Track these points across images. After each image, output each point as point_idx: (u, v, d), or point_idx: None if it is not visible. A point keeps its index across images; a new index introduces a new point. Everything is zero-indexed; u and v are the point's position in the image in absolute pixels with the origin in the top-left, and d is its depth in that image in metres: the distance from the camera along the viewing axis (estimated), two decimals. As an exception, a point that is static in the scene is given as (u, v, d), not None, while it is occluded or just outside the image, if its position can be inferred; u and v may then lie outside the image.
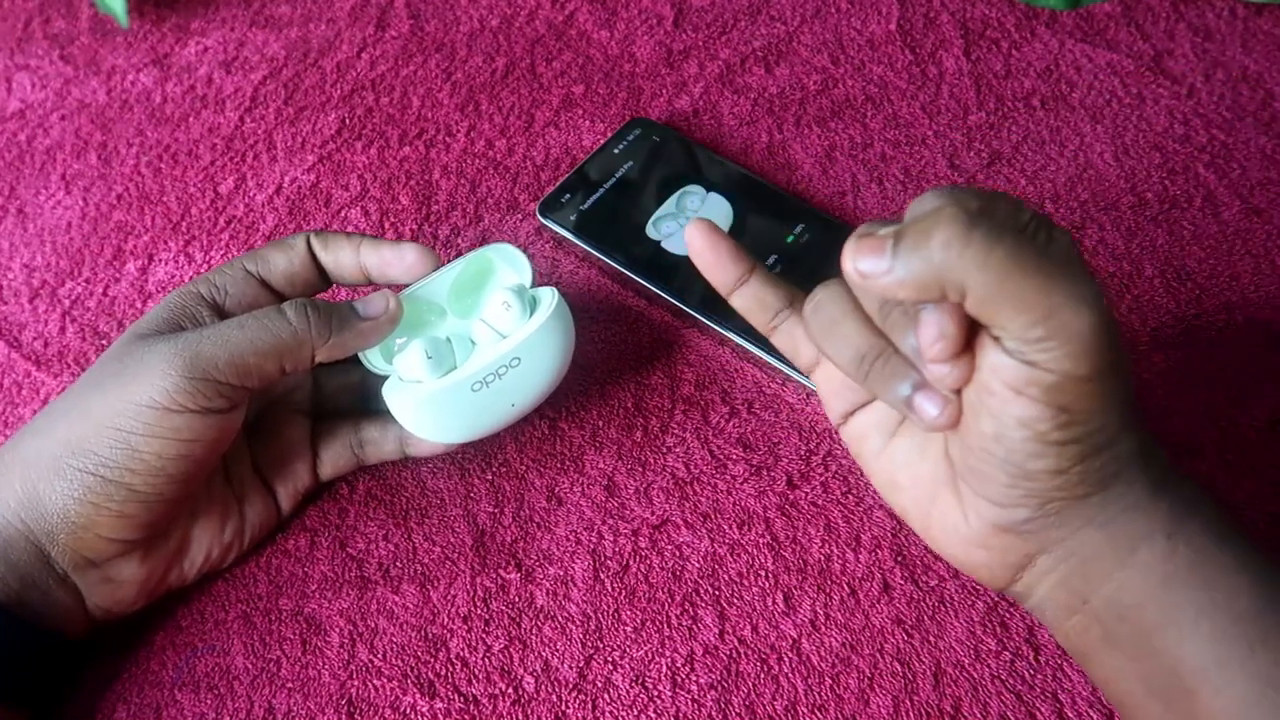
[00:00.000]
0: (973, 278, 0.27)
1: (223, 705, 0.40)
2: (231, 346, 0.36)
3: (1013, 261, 0.27)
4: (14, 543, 0.36)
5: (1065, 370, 0.28)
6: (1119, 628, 0.31)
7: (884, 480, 0.36)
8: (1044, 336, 0.28)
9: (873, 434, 0.35)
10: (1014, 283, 0.27)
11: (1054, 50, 0.57)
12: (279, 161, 0.56)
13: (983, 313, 0.28)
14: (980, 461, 0.31)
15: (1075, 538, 0.31)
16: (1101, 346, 0.28)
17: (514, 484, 0.44)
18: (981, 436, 0.30)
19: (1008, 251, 0.27)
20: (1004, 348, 0.29)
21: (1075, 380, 0.28)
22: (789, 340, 0.37)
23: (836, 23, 0.60)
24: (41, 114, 0.60)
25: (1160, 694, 0.31)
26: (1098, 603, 0.32)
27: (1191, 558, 0.31)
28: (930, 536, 0.35)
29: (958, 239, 0.27)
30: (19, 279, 0.53)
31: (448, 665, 0.40)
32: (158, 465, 0.36)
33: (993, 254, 0.27)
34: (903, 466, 0.35)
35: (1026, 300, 0.27)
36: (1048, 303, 0.27)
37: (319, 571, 0.43)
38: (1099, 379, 0.28)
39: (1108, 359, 0.28)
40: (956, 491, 0.33)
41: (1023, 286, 0.27)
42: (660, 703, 0.39)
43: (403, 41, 0.61)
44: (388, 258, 0.41)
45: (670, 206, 0.51)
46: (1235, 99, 0.54)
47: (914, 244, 0.28)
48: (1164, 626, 0.31)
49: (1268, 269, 0.48)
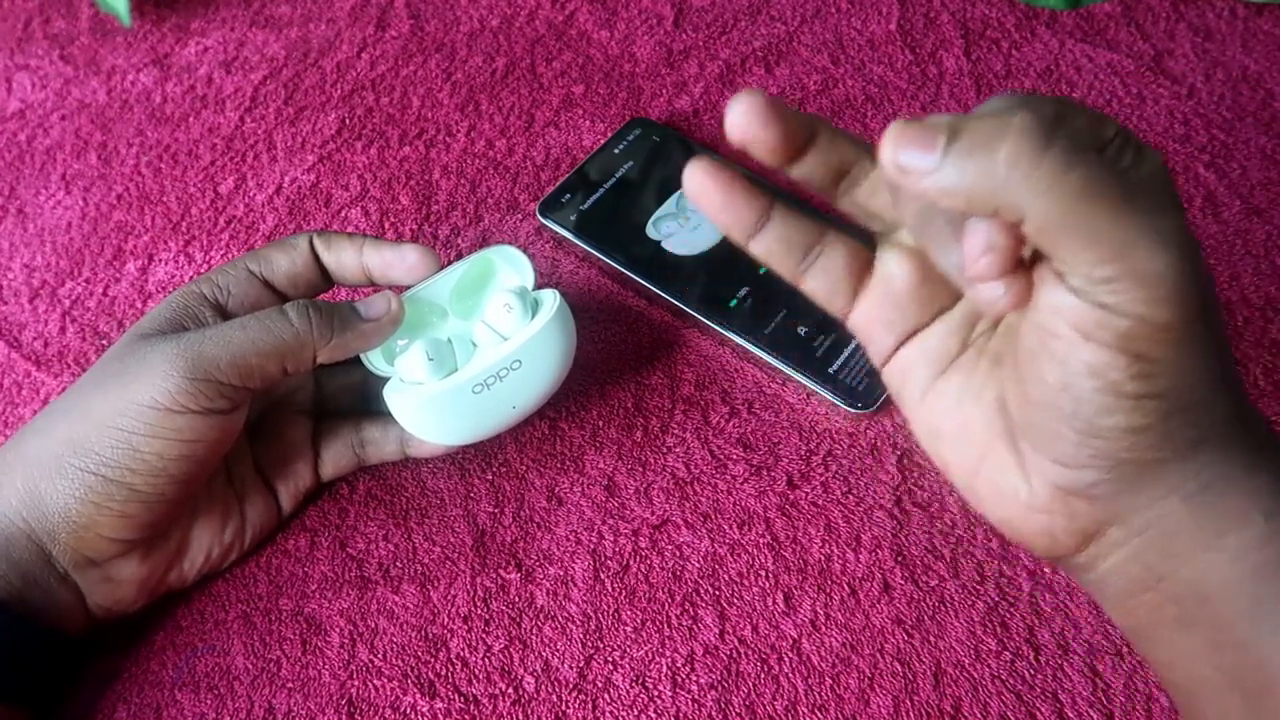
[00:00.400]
0: (1038, 202, 0.24)
1: (223, 705, 0.40)
2: (233, 347, 0.36)
3: (1089, 188, 0.23)
4: (15, 541, 0.36)
5: (1141, 314, 0.24)
6: (1199, 612, 0.28)
7: (925, 427, 0.31)
8: (1113, 277, 0.24)
9: (919, 369, 0.31)
10: (1084, 213, 0.23)
11: (1054, 50, 0.57)
12: (279, 161, 0.56)
13: (1043, 242, 0.24)
14: (1044, 415, 0.27)
15: (1155, 508, 0.27)
16: (1184, 290, 0.24)
17: (514, 484, 0.44)
18: (1044, 387, 0.26)
19: (1085, 176, 0.23)
20: (1070, 285, 0.25)
21: (1153, 326, 0.24)
22: (824, 282, 0.31)
23: (836, 23, 0.60)
24: (41, 114, 0.60)
25: (1240, 686, 0.28)
26: (1175, 583, 0.28)
27: None
28: (976, 497, 0.31)
29: (1028, 155, 0.23)
30: (19, 279, 0.53)
31: (448, 665, 0.40)
32: (159, 465, 0.36)
33: (1067, 178, 0.23)
34: (950, 412, 0.30)
35: (1096, 234, 0.24)
36: (1120, 238, 0.24)
37: (319, 571, 0.43)
38: (1182, 326, 0.24)
39: (1193, 305, 0.24)
40: (1014, 448, 0.29)
41: (1094, 218, 0.23)
42: (660, 703, 0.39)
43: (403, 41, 0.61)
44: (389, 259, 0.41)
45: (670, 206, 0.51)
46: (1235, 99, 0.54)
47: (973, 147, 0.24)
48: (1254, 618, 0.27)
49: (1268, 269, 0.48)
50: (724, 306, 0.47)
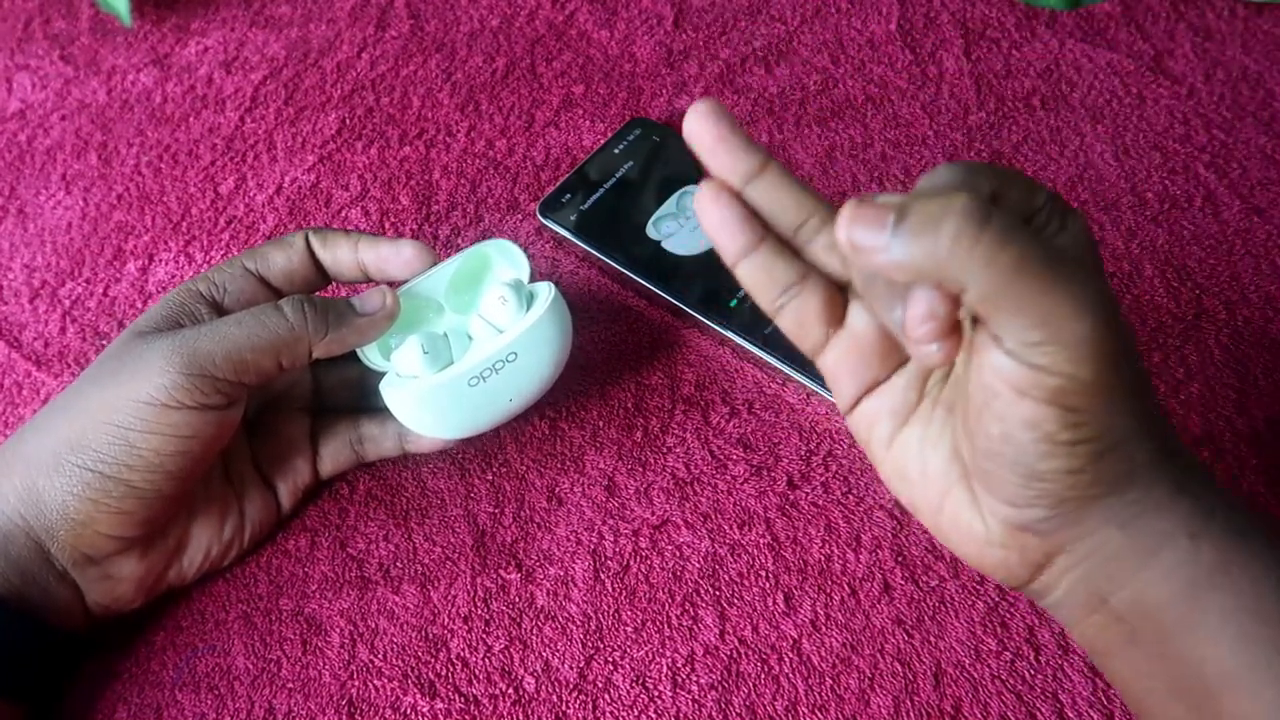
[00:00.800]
0: (977, 277, 0.26)
1: (223, 705, 0.40)
2: (229, 343, 0.36)
3: (1021, 263, 0.26)
4: (14, 538, 0.36)
5: (1068, 373, 0.27)
6: (1142, 627, 0.30)
7: (892, 471, 0.34)
8: (1042, 341, 0.27)
9: (883, 420, 0.33)
10: (1017, 286, 0.26)
11: (1054, 50, 0.57)
12: (279, 161, 0.56)
13: (981, 311, 0.27)
14: (990, 463, 0.30)
15: (1095, 536, 0.30)
16: (1104, 349, 0.27)
17: (514, 484, 0.44)
18: (989, 438, 0.29)
19: (1017, 252, 0.26)
20: (1005, 349, 0.27)
21: (1080, 383, 0.27)
22: (795, 322, 0.33)
23: (836, 23, 0.60)
24: (42, 114, 0.60)
25: (1183, 696, 0.30)
26: (1119, 602, 0.31)
27: (1216, 559, 0.29)
28: (942, 534, 0.33)
29: (968, 235, 0.26)
30: (19, 279, 0.53)
31: (448, 665, 0.40)
32: (156, 462, 0.36)
33: (1002, 254, 0.26)
34: (913, 458, 0.33)
35: (1027, 304, 0.26)
36: (1047, 306, 0.26)
37: (319, 572, 0.43)
38: (1105, 380, 0.27)
39: (1112, 361, 0.27)
40: (969, 490, 0.32)
41: (1025, 290, 0.26)
42: (661, 703, 0.39)
43: (403, 41, 0.61)
44: (385, 254, 0.41)
45: (670, 206, 0.51)
46: (1235, 99, 0.54)
47: (919, 227, 0.26)
48: (1189, 629, 0.30)
49: (1268, 269, 0.48)
50: (724, 306, 0.47)
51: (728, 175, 0.32)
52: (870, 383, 0.33)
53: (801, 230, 0.32)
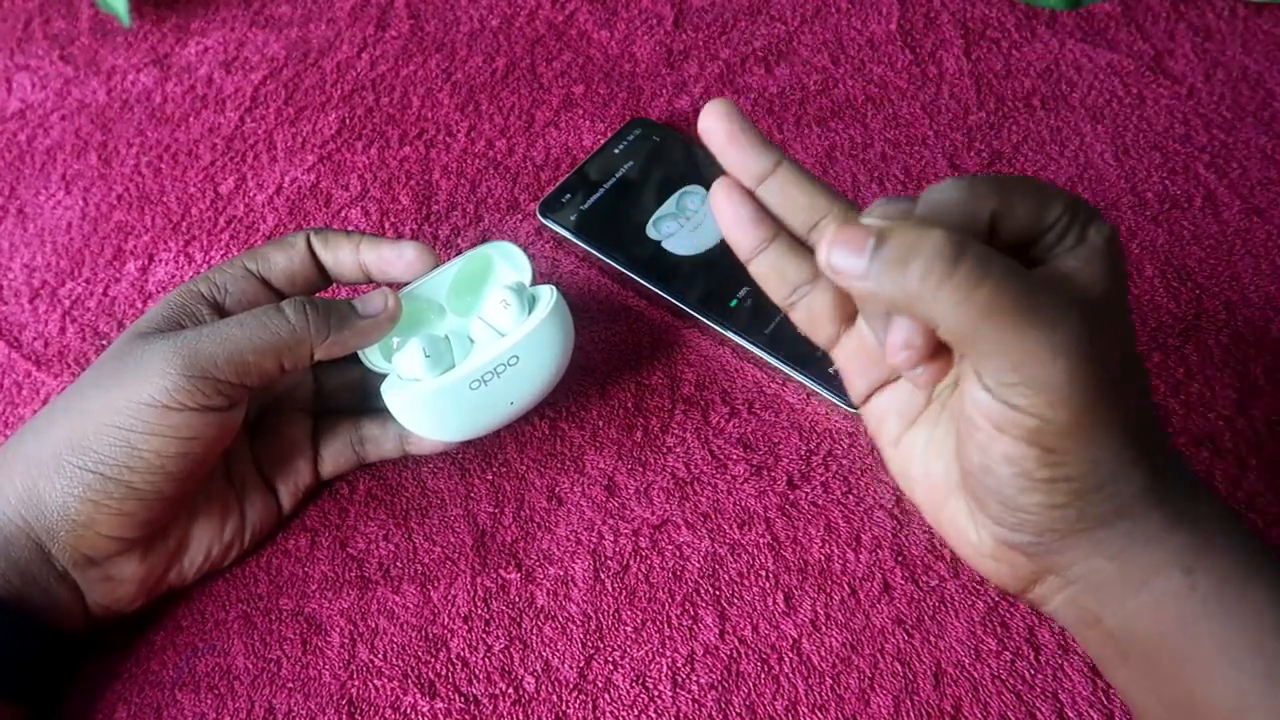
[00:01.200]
0: (946, 316, 0.26)
1: (223, 705, 0.40)
2: (230, 344, 0.36)
3: (993, 305, 0.25)
4: (15, 539, 0.36)
5: (1045, 416, 0.27)
6: (1133, 649, 0.30)
7: (899, 469, 0.34)
8: (1017, 382, 0.26)
9: (891, 418, 0.33)
10: (988, 327, 0.25)
11: (1054, 50, 0.57)
12: (279, 161, 0.56)
13: (956, 347, 0.27)
14: (975, 487, 0.30)
15: (1084, 564, 0.30)
16: (1082, 391, 0.26)
17: (514, 484, 0.44)
18: (972, 465, 0.29)
19: (989, 294, 0.25)
20: (983, 384, 0.27)
21: (1057, 425, 0.27)
22: (807, 318, 0.33)
23: (836, 23, 0.60)
24: (41, 114, 0.60)
25: (1175, 712, 0.30)
26: (1110, 625, 0.31)
27: (1212, 592, 0.29)
28: (944, 533, 0.33)
29: (936, 274, 0.25)
30: (19, 279, 0.53)
31: (448, 665, 0.40)
32: (157, 463, 0.36)
33: (973, 295, 0.25)
34: (917, 460, 0.33)
35: (1000, 346, 0.26)
36: (1021, 349, 0.26)
37: (319, 571, 0.43)
38: (1084, 421, 0.27)
39: (1090, 405, 0.27)
40: (967, 500, 0.32)
41: (998, 332, 0.25)
42: (661, 703, 0.39)
43: (403, 41, 0.61)
44: (387, 256, 0.41)
45: (670, 206, 0.51)
46: (1235, 99, 0.54)
47: (893, 260, 0.26)
48: (1181, 659, 0.29)
49: (1268, 269, 0.48)
50: (724, 306, 0.47)
51: (740, 174, 0.32)
52: (880, 381, 0.34)
53: (815, 231, 0.32)
